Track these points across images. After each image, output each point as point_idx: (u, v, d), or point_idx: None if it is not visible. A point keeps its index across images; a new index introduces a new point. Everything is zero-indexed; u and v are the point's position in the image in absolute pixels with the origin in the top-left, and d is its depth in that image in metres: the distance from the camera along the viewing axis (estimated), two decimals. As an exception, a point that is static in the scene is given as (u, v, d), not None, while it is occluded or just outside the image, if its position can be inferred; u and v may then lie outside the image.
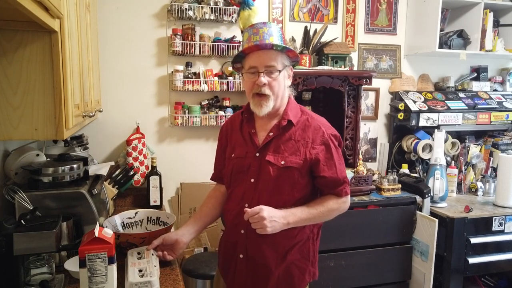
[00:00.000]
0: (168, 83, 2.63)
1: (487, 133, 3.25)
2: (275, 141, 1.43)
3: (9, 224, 1.22)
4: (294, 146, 1.41)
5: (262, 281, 1.43)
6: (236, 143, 1.51)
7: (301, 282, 1.47)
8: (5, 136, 1.16)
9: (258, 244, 1.40)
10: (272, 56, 1.37)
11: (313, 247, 1.50)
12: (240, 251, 1.44)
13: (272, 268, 1.41)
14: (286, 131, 1.43)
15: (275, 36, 1.38)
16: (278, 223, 1.33)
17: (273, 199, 1.38)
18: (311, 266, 1.50)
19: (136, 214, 1.87)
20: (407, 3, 3.09)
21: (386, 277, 2.54)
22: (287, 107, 1.47)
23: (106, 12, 2.46)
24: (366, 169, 2.69)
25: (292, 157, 1.40)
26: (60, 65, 1.16)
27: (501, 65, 3.44)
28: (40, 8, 0.94)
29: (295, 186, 1.40)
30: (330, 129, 1.47)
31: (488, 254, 2.49)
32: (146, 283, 1.27)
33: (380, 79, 3.08)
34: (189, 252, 2.51)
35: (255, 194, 1.41)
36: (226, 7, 2.57)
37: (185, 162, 2.70)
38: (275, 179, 1.39)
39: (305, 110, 1.51)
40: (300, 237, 1.44)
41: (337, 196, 1.44)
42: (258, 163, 1.42)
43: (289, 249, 1.42)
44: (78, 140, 2.22)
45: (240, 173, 1.46)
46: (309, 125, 1.44)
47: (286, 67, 1.42)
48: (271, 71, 1.37)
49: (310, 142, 1.41)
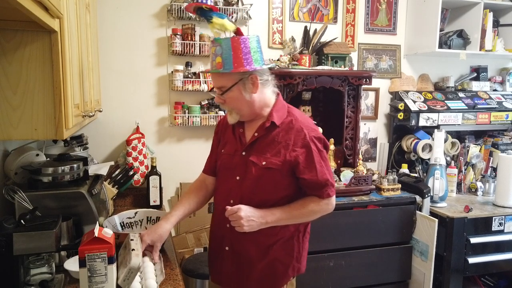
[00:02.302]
0: (168, 83, 2.63)
1: (487, 133, 3.25)
2: (259, 141, 1.47)
3: (9, 224, 1.22)
4: (276, 148, 1.44)
5: (245, 273, 1.50)
6: (227, 140, 1.56)
7: (283, 277, 1.52)
8: (5, 136, 1.16)
9: (241, 239, 1.47)
10: (218, 77, 1.43)
11: (298, 244, 1.54)
12: (226, 244, 1.52)
13: (255, 262, 1.48)
14: (270, 132, 1.46)
15: (223, 54, 1.38)
16: (256, 222, 1.39)
17: (255, 197, 1.44)
18: (296, 262, 1.54)
19: (136, 214, 1.87)
20: (407, 3, 3.09)
21: (386, 277, 2.54)
22: (273, 108, 1.48)
23: (106, 12, 2.46)
24: (366, 169, 2.69)
25: (273, 158, 1.43)
26: (60, 65, 1.16)
27: (501, 65, 3.44)
28: (40, 8, 0.94)
29: (277, 186, 1.45)
30: (313, 131, 1.47)
31: (488, 254, 2.49)
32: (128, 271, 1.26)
33: (380, 79, 3.08)
34: (189, 252, 2.51)
35: (240, 191, 1.47)
36: (226, 7, 2.57)
37: (185, 162, 2.69)
38: (257, 179, 1.44)
39: (292, 111, 1.51)
40: (282, 234, 1.48)
41: (319, 197, 1.46)
42: (244, 162, 1.47)
43: (271, 246, 1.48)
44: (78, 140, 2.22)
45: (227, 170, 1.52)
46: (292, 127, 1.46)
47: (240, 80, 1.40)
48: (222, 91, 1.43)
49: (291, 144, 1.43)
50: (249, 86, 1.42)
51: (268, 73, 1.48)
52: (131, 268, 1.25)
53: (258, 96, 1.44)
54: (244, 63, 1.37)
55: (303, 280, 2.32)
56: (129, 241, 1.39)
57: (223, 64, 1.38)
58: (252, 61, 1.39)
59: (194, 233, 2.59)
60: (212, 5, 1.50)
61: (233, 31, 1.43)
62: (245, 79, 1.41)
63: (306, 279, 2.33)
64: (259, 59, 1.41)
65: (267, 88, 1.47)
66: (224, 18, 1.45)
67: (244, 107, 1.45)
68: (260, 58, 1.42)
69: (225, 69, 1.38)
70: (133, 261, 1.25)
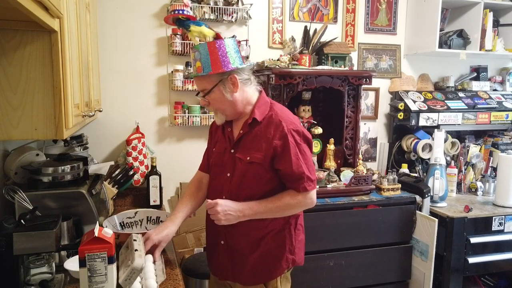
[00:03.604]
0: (168, 82, 2.63)
1: (487, 132, 3.25)
2: (244, 138, 1.54)
3: (9, 224, 1.22)
4: (259, 143, 1.50)
5: (239, 266, 1.56)
6: (218, 139, 1.65)
7: (277, 269, 1.55)
8: (5, 135, 1.16)
9: (234, 232, 1.54)
10: (199, 81, 1.52)
11: (290, 236, 1.57)
12: (221, 238, 1.58)
13: (247, 255, 1.54)
14: (253, 128, 1.52)
15: (202, 58, 1.46)
16: (233, 216, 1.46)
17: (242, 192, 1.51)
18: (290, 254, 1.57)
19: (136, 214, 1.87)
20: (407, 2, 3.09)
21: (386, 277, 2.54)
22: (255, 105, 1.55)
23: (106, 11, 2.46)
24: (366, 169, 2.69)
25: (256, 153, 1.49)
26: (60, 65, 1.16)
27: (500, 65, 3.44)
28: (40, 8, 0.93)
29: (260, 180, 1.50)
30: (292, 124, 1.51)
31: (487, 254, 2.49)
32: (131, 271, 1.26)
33: (380, 79, 3.08)
34: (189, 252, 2.51)
35: (230, 187, 1.54)
36: (226, 6, 2.57)
37: (185, 162, 2.69)
38: (243, 174, 1.51)
39: (274, 106, 1.57)
40: (272, 227, 1.53)
41: (296, 191, 1.49)
42: (232, 159, 1.54)
43: (262, 238, 1.53)
44: (78, 140, 2.22)
45: (218, 167, 1.60)
46: (272, 121, 1.51)
47: (220, 81, 1.47)
48: (204, 93, 1.51)
49: (270, 138, 1.48)
50: (230, 86, 1.48)
51: (248, 72, 1.55)
52: (134, 268, 1.25)
53: (240, 95, 1.51)
54: (221, 65, 1.45)
55: (304, 279, 2.33)
56: (131, 241, 1.39)
57: (203, 68, 1.46)
58: (229, 62, 1.46)
59: (194, 233, 2.59)
60: (188, 15, 1.58)
61: (213, 37, 1.50)
62: (224, 80, 1.48)
63: (306, 279, 2.34)
64: (236, 59, 1.48)
65: (248, 86, 1.54)
66: (202, 26, 1.52)
67: (227, 107, 1.52)
68: (238, 58, 1.49)
69: (204, 72, 1.46)
70: (136, 262, 1.25)
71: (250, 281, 1.56)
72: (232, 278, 1.60)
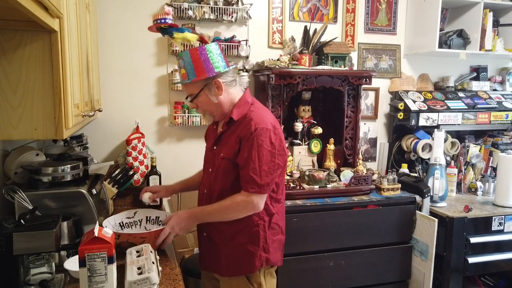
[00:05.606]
0: (168, 82, 2.62)
1: (487, 132, 3.25)
2: (224, 135, 1.64)
3: (9, 224, 1.22)
4: (232, 140, 1.57)
5: (214, 256, 1.65)
6: (208, 137, 1.82)
7: (251, 265, 1.59)
8: (5, 135, 1.16)
9: (211, 224, 1.64)
10: (186, 87, 1.62)
11: (264, 234, 1.61)
12: (204, 230, 1.70)
13: (221, 246, 1.62)
14: (231, 127, 1.61)
15: (186, 66, 1.53)
16: (188, 223, 1.60)
17: (216, 186, 1.62)
18: (263, 252, 1.61)
19: (135, 213, 1.87)
20: (407, 2, 3.09)
21: (385, 277, 2.54)
22: (235, 105, 1.62)
23: (106, 11, 2.46)
24: (366, 169, 2.69)
25: (228, 150, 1.58)
26: (60, 65, 1.16)
27: (500, 64, 3.44)
28: (40, 8, 0.93)
29: (229, 175, 1.58)
30: (261, 123, 1.53)
31: (487, 254, 2.49)
32: (144, 279, 1.27)
33: (379, 79, 3.08)
34: (189, 252, 2.51)
35: (209, 182, 1.65)
36: (225, 6, 2.57)
37: (185, 161, 2.69)
38: (217, 169, 1.61)
39: (252, 106, 1.62)
40: (246, 222, 1.59)
41: (244, 190, 1.53)
42: (214, 155, 1.66)
43: (236, 232, 1.60)
44: (77, 140, 2.22)
45: (206, 163, 1.74)
46: (245, 119, 1.57)
47: (205, 85, 1.55)
48: (192, 98, 1.61)
49: (239, 135, 1.55)
50: (215, 90, 1.56)
51: (232, 73, 1.61)
52: (150, 279, 1.28)
53: (225, 97, 1.59)
54: (205, 71, 1.52)
55: (304, 279, 2.33)
56: (149, 251, 1.45)
57: (187, 75, 1.54)
58: (212, 67, 1.53)
59: (194, 233, 2.58)
60: (171, 23, 1.61)
61: (197, 40, 1.57)
62: (209, 84, 1.56)
63: (306, 279, 2.34)
64: (220, 63, 1.54)
65: (233, 88, 1.62)
66: (184, 32, 1.58)
67: (214, 109, 1.61)
68: (221, 62, 1.55)
69: (189, 79, 1.54)
70: (154, 276, 1.29)
71: (226, 273, 1.63)
72: (212, 269, 1.69)
